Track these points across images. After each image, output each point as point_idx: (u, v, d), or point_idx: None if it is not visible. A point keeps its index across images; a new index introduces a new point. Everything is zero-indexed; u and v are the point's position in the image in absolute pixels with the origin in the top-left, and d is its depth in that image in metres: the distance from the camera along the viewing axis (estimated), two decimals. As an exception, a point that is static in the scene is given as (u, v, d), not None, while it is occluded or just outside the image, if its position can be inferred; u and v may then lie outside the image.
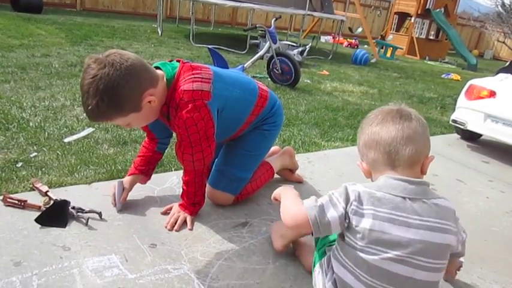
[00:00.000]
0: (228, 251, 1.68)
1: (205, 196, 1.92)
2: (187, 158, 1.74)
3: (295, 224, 1.29)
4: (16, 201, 1.77)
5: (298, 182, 2.42)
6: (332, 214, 1.21)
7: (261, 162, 2.14)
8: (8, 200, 1.77)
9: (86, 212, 1.76)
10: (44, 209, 1.75)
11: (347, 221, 1.21)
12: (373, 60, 9.65)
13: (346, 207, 1.21)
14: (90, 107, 1.45)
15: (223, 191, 1.98)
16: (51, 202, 1.78)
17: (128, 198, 1.95)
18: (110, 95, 1.44)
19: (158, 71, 1.67)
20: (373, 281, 1.20)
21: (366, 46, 12.55)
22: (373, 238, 1.17)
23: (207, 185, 1.98)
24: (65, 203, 1.75)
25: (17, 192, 1.89)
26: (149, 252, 1.60)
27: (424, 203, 1.20)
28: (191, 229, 1.79)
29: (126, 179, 1.96)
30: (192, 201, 1.84)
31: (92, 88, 1.42)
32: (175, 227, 1.78)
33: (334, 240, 1.44)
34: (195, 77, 1.66)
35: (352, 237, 1.22)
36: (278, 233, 1.70)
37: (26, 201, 1.77)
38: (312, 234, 1.29)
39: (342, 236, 1.29)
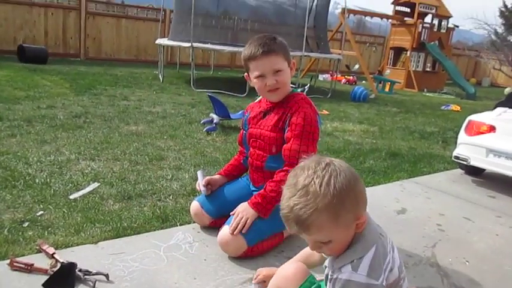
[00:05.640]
0: (237, 308, 1.66)
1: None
2: (295, 148, 2.00)
3: None
4: (23, 265, 1.76)
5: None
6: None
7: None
8: (15, 264, 1.77)
9: (92, 274, 1.75)
10: (51, 272, 1.74)
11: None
12: (372, 96, 9.76)
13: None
14: None
15: (240, 235, 1.98)
16: (58, 265, 1.78)
17: (135, 259, 1.95)
18: None
19: None
20: None
21: (363, 82, 12.74)
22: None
23: (224, 225, 2.02)
24: (71, 266, 1.75)
25: (23, 255, 1.89)
26: (157, 314, 1.58)
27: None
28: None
29: (213, 176, 2.32)
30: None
31: None
32: (244, 230, 1.96)
33: None
34: None
35: None
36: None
37: (32, 265, 1.77)
38: None
39: None
